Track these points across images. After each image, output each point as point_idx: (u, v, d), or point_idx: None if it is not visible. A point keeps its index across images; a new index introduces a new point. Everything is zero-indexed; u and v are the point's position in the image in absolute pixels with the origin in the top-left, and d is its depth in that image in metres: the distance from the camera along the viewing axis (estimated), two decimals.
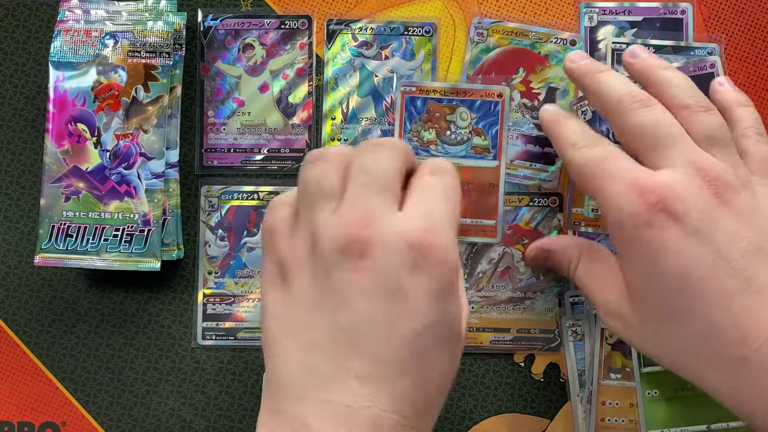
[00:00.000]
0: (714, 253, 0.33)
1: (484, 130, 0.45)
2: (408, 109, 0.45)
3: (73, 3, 0.45)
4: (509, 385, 0.46)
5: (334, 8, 0.47)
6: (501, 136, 0.45)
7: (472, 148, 0.45)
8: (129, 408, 0.47)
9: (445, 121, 0.45)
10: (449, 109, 0.45)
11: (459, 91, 0.45)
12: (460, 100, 0.45)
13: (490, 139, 0.45)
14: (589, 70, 0.40)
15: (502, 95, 0.45)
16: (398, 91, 0.45)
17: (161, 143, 0.44)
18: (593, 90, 0.39)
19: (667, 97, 0.38)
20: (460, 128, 0.45)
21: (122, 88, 0.44)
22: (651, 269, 0.35)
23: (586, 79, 0.40)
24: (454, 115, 0.45)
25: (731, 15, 0.46)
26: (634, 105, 0.37)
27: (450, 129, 0.45)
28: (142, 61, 0.44)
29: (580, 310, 0.46)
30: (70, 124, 0.44)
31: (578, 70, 0.40)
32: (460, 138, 0.45)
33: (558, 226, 0.46)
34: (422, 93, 0.45)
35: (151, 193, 0.44)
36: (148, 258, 0.44)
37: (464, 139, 0.45)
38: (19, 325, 0.47)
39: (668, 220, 0.34)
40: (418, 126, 0.45)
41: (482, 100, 0.45)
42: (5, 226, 0.47)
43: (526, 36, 0.46)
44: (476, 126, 0.45)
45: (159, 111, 0.44)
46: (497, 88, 0.45)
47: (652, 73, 0.40)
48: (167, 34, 0.44)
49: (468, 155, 0.45)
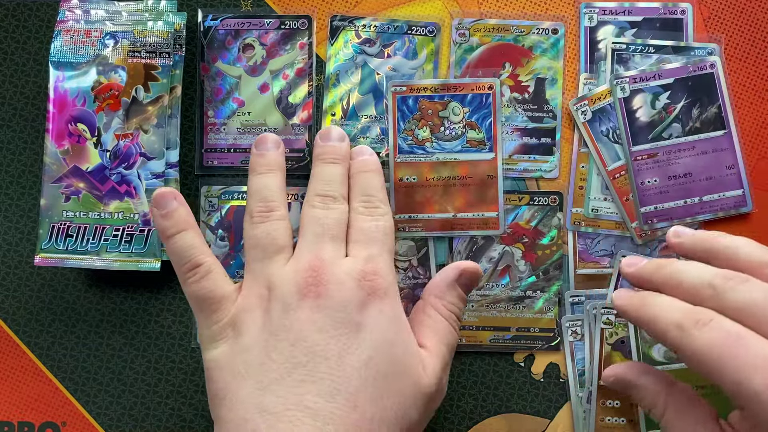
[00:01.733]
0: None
1: (478, 123, 0.45)
2: (400, 109, 0.45)
3: (73, 3, 0.45)
4: (509, 385, 0.46)
5: (334, 8, 0.47)
6: (495, 127, 0.45)
7: (468, 141, 0.45)
8: (129, 408, 0.46)
9: (438, 118, 0.45)
10: (441, 105, 0.45)
11: (449, 86, 0.45)
12: (451, 95, 0.45)
13: (484, 132, 0.45)
14: (658, 265, 0.36)
15: (492, 87, 0.45)
16: (389, 92, 0.45)
17: (161, 143, 0.44)
18: (669, 283, 0.35)
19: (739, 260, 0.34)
20: (454, 123, 0.45)
21: (122, 88, 0.44)
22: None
23: (656, 276, 0.36)
24: (447, 111, 0.45)
25: (731, 15, 0.46)
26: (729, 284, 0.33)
27: (444, 125, 0.45)
28: (142, 61, 0.44)
29: (579, 310, 0.46)
30: (70, 124, 0.44)
31: (642, 271, 0.37)
32: (454, 133, 0.45)
33: (558, 225, 0.46)
34: (413, 91, 0.45)
35: (151, 193, 0.44)
36: (148, 258, 0.44)
37: (459, 134, 0.45)
38: (19, 325, 0.47)
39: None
40: (412, 125, 0.45)
41: (473, 93, 0.45)
42: (5, 226, 0.47)
43: (508, 31, 0.46)
44: (469, 120, 0.45)
45: (159, 111, 0.44)
46: (487, 80, 0.45)
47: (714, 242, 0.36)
48: (167, 34, 0.44)
49: (464, 149, 0.45)
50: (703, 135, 0.45)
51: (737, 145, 0.45)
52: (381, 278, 0.37)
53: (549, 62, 0.46)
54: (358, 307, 0.35)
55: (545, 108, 0.46)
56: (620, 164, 0.45)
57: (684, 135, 0.45)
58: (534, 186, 0.46)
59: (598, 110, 0.45)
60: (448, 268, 0.41)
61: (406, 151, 0.45)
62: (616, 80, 0.45)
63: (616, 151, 0.45)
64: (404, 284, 0.46)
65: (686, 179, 0.45)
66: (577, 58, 0.46)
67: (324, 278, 0.36)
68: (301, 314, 0.35)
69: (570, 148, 0.46)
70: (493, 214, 0.45)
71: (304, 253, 0.37)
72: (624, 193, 0.45)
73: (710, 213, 0.45)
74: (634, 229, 0.45)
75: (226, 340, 0.37)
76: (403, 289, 0.46)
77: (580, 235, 0.46)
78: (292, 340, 0.35)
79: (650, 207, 0.45)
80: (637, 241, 0.45)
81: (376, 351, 0.35)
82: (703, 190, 0.45)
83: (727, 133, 0.45)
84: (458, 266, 0.40)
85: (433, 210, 0.45)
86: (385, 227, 0.39)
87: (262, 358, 0.35)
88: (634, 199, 0.45)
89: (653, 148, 0.45)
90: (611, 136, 0.45)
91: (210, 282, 0.38)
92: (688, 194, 0.45)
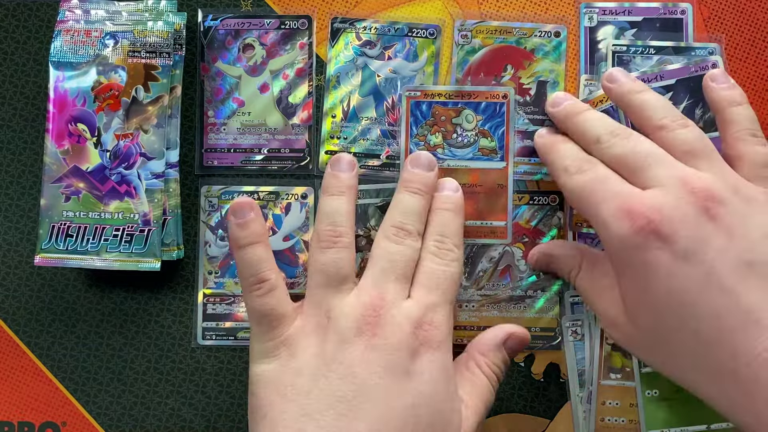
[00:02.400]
0: (704, 274, 0.34)
1: (491, 131, 0.45)
2: (413, 114, 0.45)
3: (73, 3, 0.45)
4: (509, 385, 0.46)
5: (334, 8, 0.47)
6: (508, 136, 0.45)
7: (480, 150, 0.45)
8: (129, 408, 0.46)
9: (451, 125, 0.45)
10: (455, 111, 0.45)
11: (464, 93, 0.45)
12: (465, 102, 0.45)
13: (496, 141, 0.45)
14: (568, 113, 0.41)
15: (507, 96, 0.45)
16: (403, 97, 0.45)
17: (161, 143, 0.44)
18: (574, 131, 0.41)
19: (643, 119, 0.39)
20: (467, 131, 0.45)
21: (122, 88, 0.44)
22: (644, 289, 0.35)
23: (567, 123, 0.41)
24: (460, 118, 0.45)
25: (731, 15, 0.46)
26: (612, 140, 0.38)
27: (456, 132, 0.45)
28: (142, 61, 0.44)
29: (580, 310, 0.46)
30: (70, 124, 0.44)
31: (558, 115, 0.42)
32: (466, 141, 0.45)
33: (558, 224, 0.46)
34: (427, 97, 0.45)
35: (151, 193, 0.44)
36: (148, 258, 0.44)
37: (471, 142, 0.45)
38: (19, 325, 0.47)
39: (657, 243, 0.34)
40: (425, 130, 0.45)
41: (487, 101, 0.45)
42: (5, 226, 0.47)
43: (510, 33, 0.46)
44: (482, 128, 0.45)
45: (159, 111, 0.44)
46: (502, 89, 0.45)
47: (629, 98, 0.40)
48: (167, 34, 0.44)
49: (475, 157, 0.45)
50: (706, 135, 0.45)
51: None
52: (437, 330, 0.37)
53: (551, 65, 0.46)
54: (410, 353, 0.36)
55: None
56: None
57: None
58: (534, 188, 0.46)
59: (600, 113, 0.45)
60: (497, 329, 0.41)
61: None
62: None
63: None
64: None
65: None
66: (577, 58, 0.46)
67: (383, 319, 0.36)
68: (355, 350, 0.36)
69: None
70: (501, 223, 0.45)
71: (368, 287, 0.38)
72: None
73: None
74: None
75: (278, 358, 0.37)
76: None
77: (580, 234, 0.46)
78: (342, 374, 0.35)
79: None
80: None
81: (421, 400, 0.35)
82: None
83: None
84: (507, 330, 0.41)
85: None
86: (453, 274, 0.39)
87: (310, 385, 0.35)
88: None
89: None
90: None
91: (273, 299, 0.38)
92: None
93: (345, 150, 0.46)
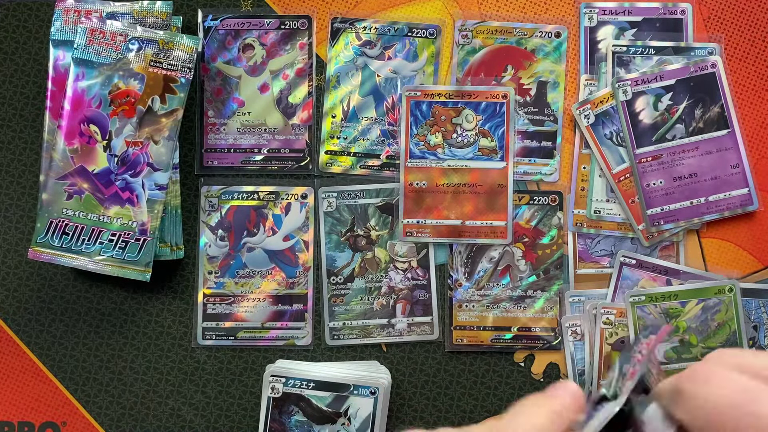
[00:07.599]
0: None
1: (491, 131, 0.45)
2: (413, 114, 0.45)
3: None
4: (509, 385, 0.46)
5: (334, 8, 0.47)
6: (508, 136, 0.45)
7: (479, 149, 0.45)
8: (129, 408, 0.46)
9: (451, 124, 0.45)
10: (455, 111, 0.45)
11: (464, 93, 0.45)
12: (466, 102, 0.45)
13: (496, 140, 0.45)
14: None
15: (507, 96, 0.45)
16: (403, 97, 0.45)
17: (169, 156, 0.44)
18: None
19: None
20: (467, 131, 0.45)
21: (139, 96, 0.44)
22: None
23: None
24: (460, 118, 0.45)
25: (731, 15, 0.46)
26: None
27: (456, 132, 0.45)
28: (163, 72, 0.44)
29: (580, 310, 0.46)
30: (83, 124, 0.44)
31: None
32: (466, 140, 0.45)
33: (558, 224, 0.46)
34: (427, 97, 0.45)
35: (152, 204, 0.44)
36: (140, 267, 0.44)
37: (471, 142, 0.45)
38: (19, 325, 0.47)
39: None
40: (425, 130, 0.45)
41: (487, 101, 0.45)
42: (5, 226, 0.47)
43: (511, 33, 0.46)
44: (482, 128, 0.45)
45: (172, 124, 0.44)
46: (502, 89, 0.45)
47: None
48: (192, 49, 0.44)
49: (475, 157, 0.45)
50: (706, 135, 0.45)
51: (741, 143, 0.45)
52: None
53: (551, 65, 0.46)
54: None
55: (546, 111, 0.46)
56: (625, 167, 0.45)
57: (688, 136, 0.45)
58: (534, 188, 0.46)
59: (601, 114, 0.45)
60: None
61: (417, 156, 0.45)
62: (617, 83, 0.45)
63: (620, 154, 0.45)
64: (403, 285, 0.46)
65: (692, 180, 0.45)
66: (577, 58, 0.46)
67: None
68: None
69: (571, 149, 0.46)
70: (501, 223, 0.45)
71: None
72: (629, 196, 0.45)
73: (716, 213, 0.45)
74: (641, 231, 0.45)
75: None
76: (402, 290, 0.46)
77: (580, 235, 0.46)
78: None
79: (657, 209, 0.45)
80: (644, 243, 0.45)
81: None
82: (709, 190, 0.45)
83: (730, 132, 0.45)
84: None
85: (442, 216, 0.45)
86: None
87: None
88: (640, 202, 0.45)
89: (657, 149, 0.45)
90: (615, 139, 0.45)
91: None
92: (693, 195, 0.45)
93: (345, 150, 0.46)
